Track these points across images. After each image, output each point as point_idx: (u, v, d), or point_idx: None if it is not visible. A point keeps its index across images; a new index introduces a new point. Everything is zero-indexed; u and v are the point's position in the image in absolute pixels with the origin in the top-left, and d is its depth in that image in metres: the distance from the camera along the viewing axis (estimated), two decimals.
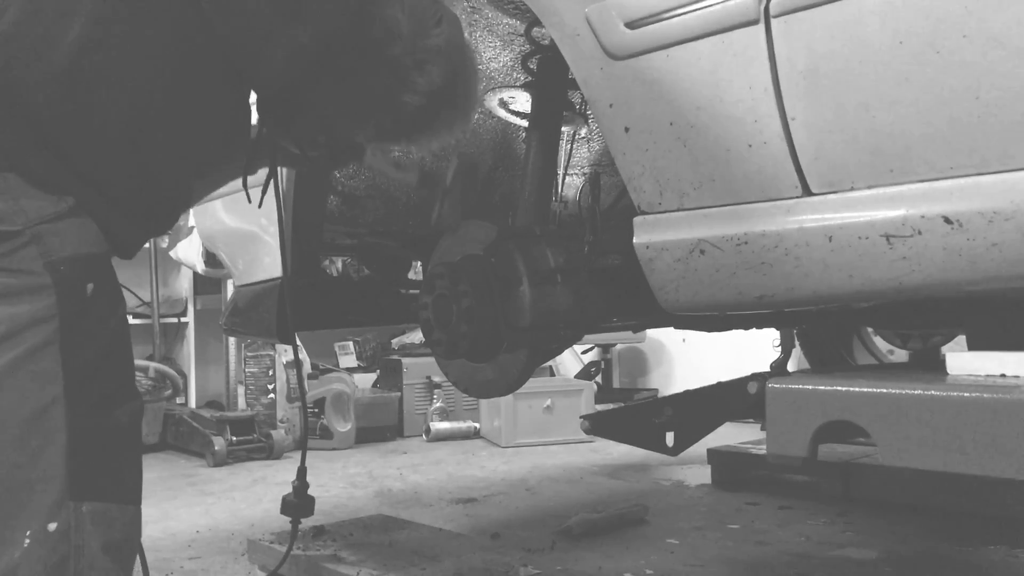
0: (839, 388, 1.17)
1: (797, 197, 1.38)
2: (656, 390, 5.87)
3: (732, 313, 1.61)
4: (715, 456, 3.52)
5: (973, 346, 1.33)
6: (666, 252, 1.53)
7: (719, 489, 3.44)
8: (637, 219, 1.58)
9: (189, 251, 4.66)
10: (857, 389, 1.15)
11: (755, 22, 1.36)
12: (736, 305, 1.50)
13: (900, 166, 1.27)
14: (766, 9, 1.34)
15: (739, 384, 1.47)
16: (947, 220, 1.22)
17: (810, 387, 1.20)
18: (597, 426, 1.67)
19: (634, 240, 1.57)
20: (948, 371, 1.28)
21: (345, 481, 3.80)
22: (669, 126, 1.50)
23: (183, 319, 5.56)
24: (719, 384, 1.54)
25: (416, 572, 1.99)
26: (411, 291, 2.50)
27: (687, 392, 1.60)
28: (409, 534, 2.36)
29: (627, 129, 1.54)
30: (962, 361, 1.27)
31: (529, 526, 2.91)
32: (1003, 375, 1.23)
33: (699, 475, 3.66)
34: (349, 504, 3.32)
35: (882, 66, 1.25)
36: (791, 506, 3.06)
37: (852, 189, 1.32)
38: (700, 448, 3.04)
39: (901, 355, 3.16)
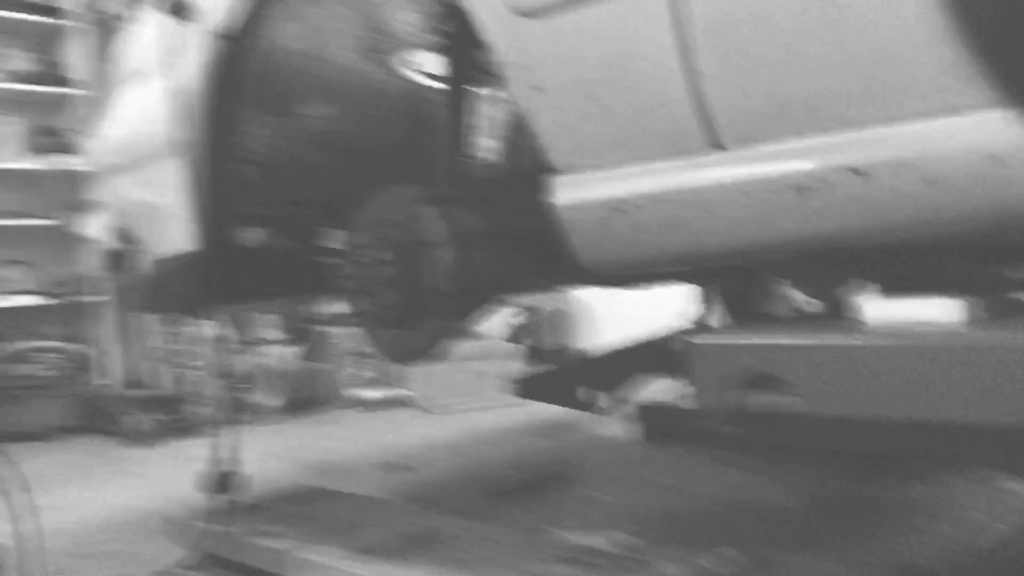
0: (762, 342, 1.19)
1: (711, 152, 1.39)
2: (585, 349, 5.92)
3: (655, 270, 1.62)
4: (644, 411, 3.58)
5: (885, 294, 1.36)
6: (586, 212, 1.53)
7: (649, 443, 3.50)
8: (555, 180, 1.57)
9: (100, 227, 4.51)
10: (780, 342, 1.17)
11: None
12: (658, 263, 1.51)
13: (808, 119, 1.28)
14: None
15: (665, 341, 1.48)
16: (855, 171, 1.24)
17: (734, 342, 1.22)
18: (526, 390, 1.67)
19: (553, 201, 1.57)
20: (863, 320, 1.31)
21: (275, 455, 3.76)
22: (581, 85, 1.49)
23: (99, 298, 5.39)
24: (645, 342, 1.55)
25: (348, 541, 1.98)
26: (333, 260, 2.46)
27: (614, 351, 1.61)
28: (340, 504, 2.34)
29: (539, 89, 1.53)
30: (876, 309, 1.30)
31: (461, 490, 2.93)
32: (915, 321, 1.27)
33: (629, 430, 3.72)
34: (279, 478, 3.28)
35: (787, 20, 1.26)
36: (719, 457, 3.14)
37: (763, 143, 1.34)
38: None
39: (816, 308, 3.23)
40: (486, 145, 2.47)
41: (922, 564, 1.88)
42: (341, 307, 5.16)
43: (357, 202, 1.96)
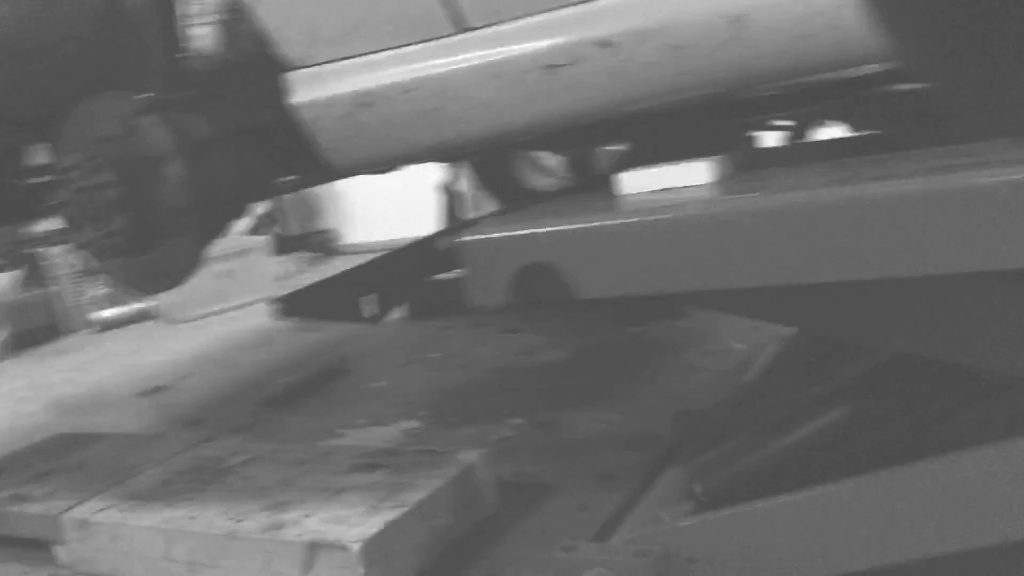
0: (532, 231, 1.16)
1: (456, 34, 1.32)
2: (333, 230, 5.78)
3: (412, 161, 1.55)
4: None
5: (638, 162, 1.39)
6: (330, 109, 1.41)
7: (414, 319, 3.49)
8: (290, 75, 1.44)
9: None
10: (548, 229, 1.15)
11: None
12: (412, 155, 1.45)
13: None
14: None
15: (432, 241, 1.43)
16: (602, 44, 1.22)
17: (503, 235, 1.19)
18: (292, 308, 1.57)
19: (291, 100, 1.44)
20: (620, 191, 1.33)
21: (7, 400, 3.39)
22: None
23: None
24: (413, 244, 1.49)
25: (125, 490, 1.83)
26: (44, 182, 2.17)
27: (381, 258, 1.54)
28: (100, 448, 2.15)
29: None
30: (630, 178, 1.32)
31: (229, 403, 2.79)
32: (667, 188, 1.30)
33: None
34: (19, 427, 2.97)
35: None
36: (484, 323, 3.19)
37: (508, 20, 1.28)
38: None
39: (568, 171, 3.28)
40: (204, 35, 2.23)
41: (698, 404, 2.02)
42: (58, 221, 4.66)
43: (61, 116, 1.72)
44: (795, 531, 1.20)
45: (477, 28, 1.30)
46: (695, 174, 1.30)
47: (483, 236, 1.20)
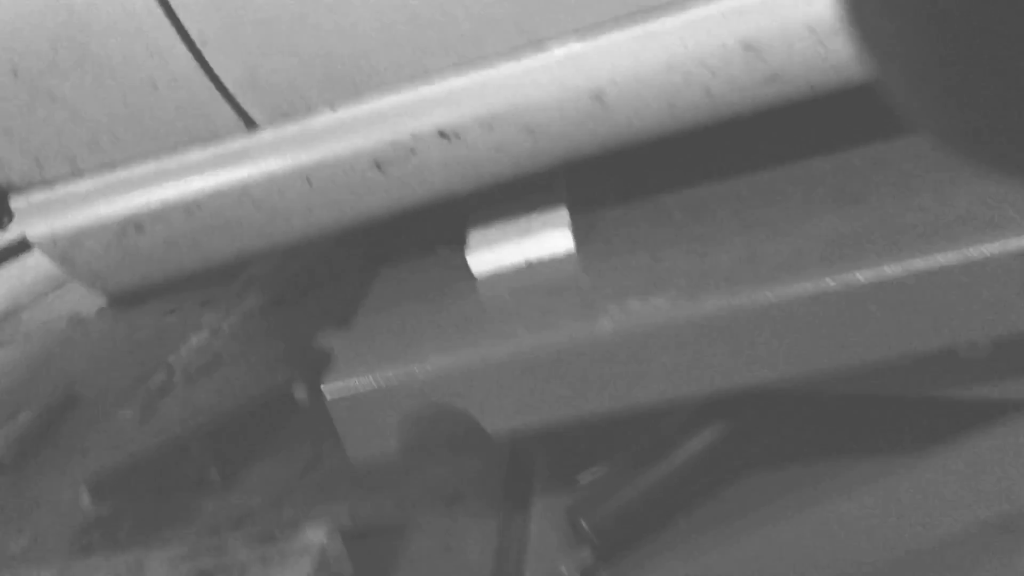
0: (418, 372, 0.99)
1: (243, 135, 1.05)
2: None
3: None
4: None
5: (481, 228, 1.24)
6: (87, 240, 1.10)
7: (121, 310, 3.07)
8: (15, 200, 1.09)
9: None
10: (439, 370, 0.98)
11: None
12: (209, 268, 1.18)
13: (368, 77, 1.02)
14: None
15: (284, 391, 1.19)
16: (442, 135, 1.04)
17: (382, 384, 1.00)
18: (102, 491, 1.25)
19: (29, 233, 1.10)
20: (474, 273, 1.18)
21: None
22: (14, 77, 0.99)
23: None
24: (258, 398, 1.23)
25: None
26: None
27: (219, 418, 1.26)
28: None
29: None
30: (483, 258, 1.17)
31: None
32: (528, 263, 1.17)
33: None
34: None
35: None
36: (215, 297, 2.88)
37: (312, 114, 1.04)
38: None
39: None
40: None
41: None
42: None
43: None
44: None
45: (269, 126, 1.05)
46: (548, 240, 1.19)
47: (359, 390, 1.02)
